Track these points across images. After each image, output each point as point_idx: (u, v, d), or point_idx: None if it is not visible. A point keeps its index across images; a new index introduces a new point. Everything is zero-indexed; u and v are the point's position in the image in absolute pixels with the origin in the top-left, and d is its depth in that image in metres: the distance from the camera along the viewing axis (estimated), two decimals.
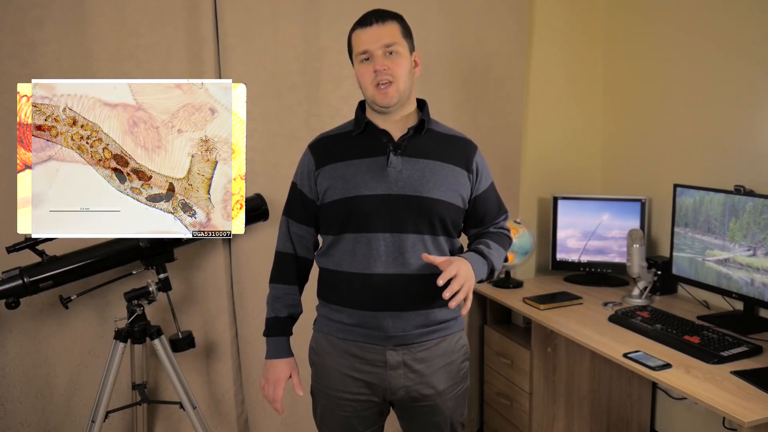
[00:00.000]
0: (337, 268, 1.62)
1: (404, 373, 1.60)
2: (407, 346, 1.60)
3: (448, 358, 1.65)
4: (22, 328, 2.27)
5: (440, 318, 1.63)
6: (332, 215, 1.60)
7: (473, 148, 1.69)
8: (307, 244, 1.71)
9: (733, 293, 2.22)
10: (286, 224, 1.71)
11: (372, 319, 1.58)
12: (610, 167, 3.05)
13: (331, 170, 1.61)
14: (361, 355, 1.61)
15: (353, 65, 1.63)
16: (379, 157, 1.58)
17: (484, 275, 1.61)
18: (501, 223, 1.77)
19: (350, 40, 1.63)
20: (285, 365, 1.69)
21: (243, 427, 2.61)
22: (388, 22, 1.57)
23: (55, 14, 2.18)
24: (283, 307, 1.70)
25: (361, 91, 1.62)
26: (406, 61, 1.58)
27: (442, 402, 1.65)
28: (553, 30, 2.93)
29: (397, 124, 1.62)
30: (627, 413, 2.65)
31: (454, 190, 1.61)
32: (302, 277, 1.74)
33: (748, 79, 2.32)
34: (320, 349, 1.68)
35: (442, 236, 1.61)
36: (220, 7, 2.34)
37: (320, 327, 1.70)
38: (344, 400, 1.64)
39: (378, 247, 1.56)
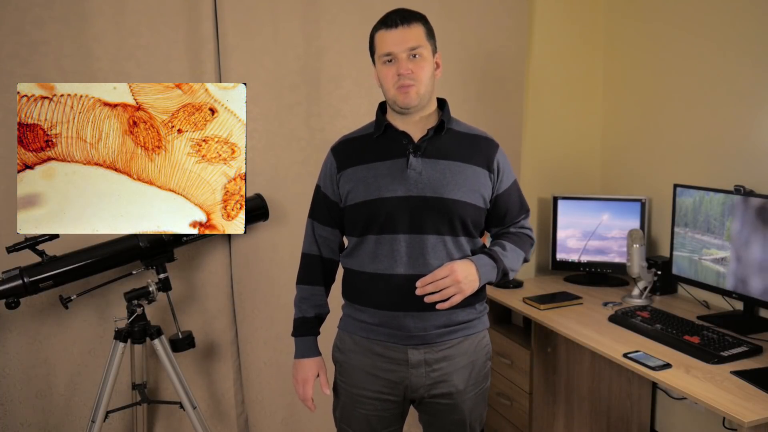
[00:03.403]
0: (360, 268, 1.64)
1: (425, 371, 1.61)
2: (429, 345, 1.61)
3: (470, 358, 1.67)
4: (22, 328, 2.27)
5: (462, 318, 1.64)
6: (355, 217, 1.62)
7: (495, 146, 1.69)
8: (332, 245, 1.74)
9: (733, 293, 2.22)
10: (311, 226, 1.74)
11: (393, 319, 1.60)
12: (610, 167, 3.05)
13: (352, 173, 1.62)
14: (384, 353, 1.62)
15: (374, 64, 1.63)
16: (399, 159, 1.59)
17: (493, 278, 1.63)
18: (522, 222, 1.77)
19: (373, 39, 1.61)
20: (313, 364, 1.72)
21: (243, 427, 2.61)
22: (414, 24, 1.56)
23: (55, 14, 2.18)
24: (309, 308, 1.73)
25: (382, 92, 1.62)
26: (429, 64, 1.58)
27: (463, 401, 1.66)
28: (553, 30, 2.93)
29: (417, 125, 1.62)
30: (627, 413, 2.65)
31: (475, 191, 1.61)
32: (328, 278, 1.77)
33: (748, 79, 2.32)
34: (344, 348, 1.70)
35: (463, 237, 1.62)
36: (220, 7, 2.34)
37: (344, 326, 1.72)
38: (365, 398, 1.65)
39: (399, 248, 1.57)
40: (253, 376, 2.54)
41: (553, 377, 2.52)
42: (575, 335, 2.16)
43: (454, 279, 1.53)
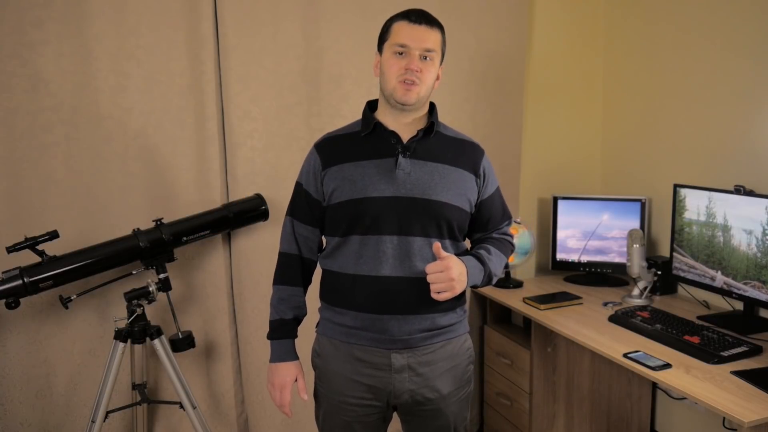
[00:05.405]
0: (342, 270, 1.60)
1: (409, 376, 1.59)
2: (412, 349, 1.59)
3: (453, 362, 1.65)
4: (22, 328, 2.27)
5: (445, 322, 1.62)
6: (339, 217, 1.58)
7: (481, 152, 1.69)
8: (311, 245, 1.69)
9: (733, 293, 2.22)
10: (291, 225, 1.69)
11: (377, 322, 1.57)
12: (610, 167, 3.05)
13: (338, 171, 1.59)
14: (366, 358, 1.59)
15: (379, 52, 1.60)
16: (387, 159, 1.57)
17: (479, 281, 1.61)
18: (504, 229, 1.76)
19: (389, 27, 1.57)
20: (291, 368, 1.67)
21: (243, 427, 2.61)
22: (435, 28, 1.56)
23: (55, 14, 2.18)
24: (288, 309, 1.68)
25: (380, 82, 1.59)
26: (435, 70, 1.58)
27: (446, 406, 1.64)
28: (553, 30, 2.93)
29: (408, 126, 1.61)
30: (627, 413, 2.65)
31: (462, 194, 1.61)
32: (307, 279, 1.72)
33: (748, 79, 2.32)
34: (323, 353, 1.67)
35: (449, 240, 1.61)
36: (220, 7, 2.34)
37: (323, 330, 1.68)
38: (347, 405, 1.62)
39: (385, 249, 1.55)
40: (253, 376, 2.54)
41: (553, 377, 2.52)
42: (575, 335, 2.16)
43: (448, 276, 1.48)
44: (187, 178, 2.40)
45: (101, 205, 2.31)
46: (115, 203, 2.32)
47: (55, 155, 2.23)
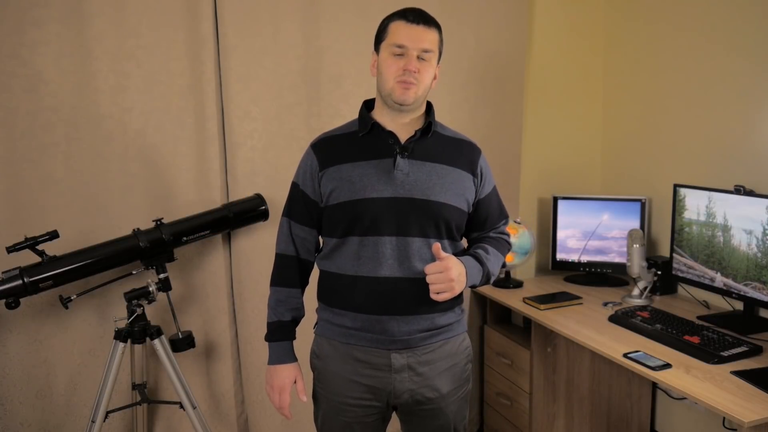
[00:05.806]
0: (340, 271, 1.59)
1: (409, 376, 1.59)
2: (412, 349, 1.59)
3: (452, 361, 1.65)
4: (22, 328, 2.27)
5: (444, 321, 1.62)
6: (337, 217, 1.58)
7: (478, 151, 1.69)
8: (308, 246, 1.69)
9: (733, 293, 2.22)
10: (288, 225, 1.68)
11: (377, 322, 1.57)
12: (610, 167, 3.05)
13: (336, 171, 1.58)
14: (365, 359, 1.59)
15: (376, 51, 1.59)
16: (385, 159, 1.57)
17: (477, 281, 1.61)
18: (501, 228, 1.76)
19: (386, 27, 1.57)
20: (290, 370, 1.67)
21: (243, 427, 2.61)
22: (432, 28, 1.56)
23: (55, 14, 2.18)
24: (286, 311, 1.67)
25: (377, 81, 1.59)
26: (432, 70, 1.58)
27: (446, 405, 1.64)
28: (552, 30, 2.93)
29: (405, 126, 1.60)
30: (627, 413, 2.65)
31: (460, 194, 1.61)
32: (304, 280, 1.71)
33: (748, 80, 2.32)
34: (322, 354, 1.66)
35: (447, 240, 1.61)
36: (220, 7, 2.34)
37: (322, 331, 1.67)
38: (347, 405, 1.62)
39: (384, 250, 1.55)
40: (253, 376, 2.54)
41: (553, 377, 2.52)
42: (575, 335, 2.16)
43: (448, 277, 1.48)
44: (187, 178, 2.40)
45: (101, 205, 2.31)
46: (115, 203, 2.32)
47: (55, 155, 2.23)
